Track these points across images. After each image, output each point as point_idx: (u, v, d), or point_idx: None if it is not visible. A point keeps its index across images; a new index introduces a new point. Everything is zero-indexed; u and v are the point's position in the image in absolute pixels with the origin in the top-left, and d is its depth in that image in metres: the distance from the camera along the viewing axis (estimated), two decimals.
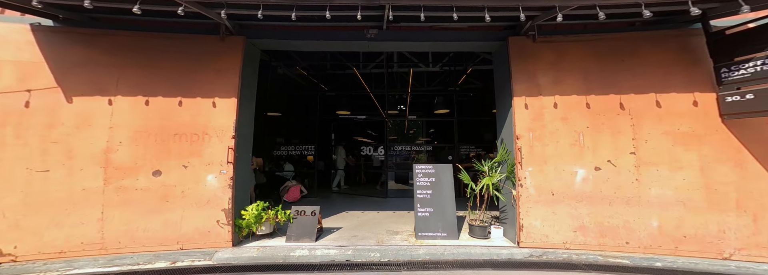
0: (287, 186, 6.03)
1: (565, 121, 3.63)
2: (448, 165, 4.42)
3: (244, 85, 3.88)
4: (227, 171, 3.55)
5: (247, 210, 3.80)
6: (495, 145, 7.26)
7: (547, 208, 3.56)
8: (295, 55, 7.16)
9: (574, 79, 3.70)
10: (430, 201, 4.28)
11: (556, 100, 3.68)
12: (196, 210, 3.48)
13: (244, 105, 3.87)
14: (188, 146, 3.52)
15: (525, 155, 3.64)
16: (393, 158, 9.38)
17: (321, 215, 4.40)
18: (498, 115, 4.36)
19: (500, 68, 4.30)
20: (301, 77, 9.17)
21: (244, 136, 3.92)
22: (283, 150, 6.56)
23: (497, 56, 4.43)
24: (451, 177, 4.35)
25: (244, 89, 3.85)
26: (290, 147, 6.62)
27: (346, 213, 5.56)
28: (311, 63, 7.89)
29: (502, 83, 4.19)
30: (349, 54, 8.23)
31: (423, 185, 4.39)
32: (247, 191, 4.12)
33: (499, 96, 4.33)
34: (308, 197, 6.56)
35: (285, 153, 6.56)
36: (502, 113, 4.17)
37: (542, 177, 3.60)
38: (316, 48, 4.54)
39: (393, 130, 12.95)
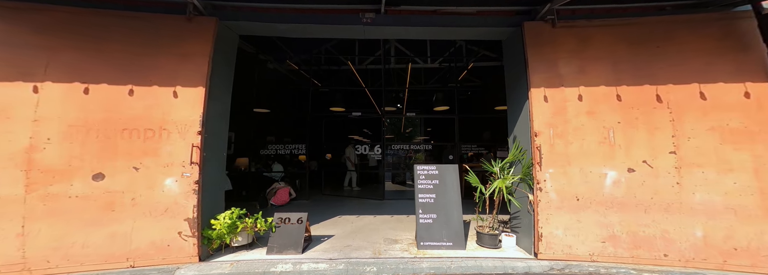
0: (275, 188, 5.27)
1: (591, 116, 2.98)
2: (453, 166, 3.74)
3: (217, 73, 3.13)
4: (191, 174, 2.78)
5: (219, 219, 3.04)
6: (498, 144, 6.61)
7: (570, 215, 2.91)
8: (284, 46, 6.40)
9: (602, 69, 3.05)
10: (434, 206, 3.59)
11: (580, 91, 3.03)
12: (151, 220, 2.71)
13: (215, 96, 3.12)
14: (141, 144, 2.75)
15: (545, 154, 2.98)
16: (390, 157, 8.71)
17: (309, 222, 3.68)
18: (510, 110, 3.70)
19: (512, 58, 3.64)
20: (293, 73, 8.39)
21: (215, 133, 3.16)
22: (271, 149, 5.80)
23: (508, 45, 3.77)
24: (456, 179, 3.67)
25: (215, 78, 3.10)
26: (279, 145, 5.86)
27: (340, 217, 4.83)
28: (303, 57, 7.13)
29: (515, 74, 3.53)
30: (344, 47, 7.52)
31: (425, 188, 3.70)
32: (221, 196, 3.34)
33: (511, 88, 3.66)
34: (298, 200, 5.80)
35: (273, 153, 5.81)
36: (516, 107, 3.51)
37: (565, 180, 2.94)
38: (304, 34, 3.80)
39: (390, 128, 12.26)
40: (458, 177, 3.67)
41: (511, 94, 3.67)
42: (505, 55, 3.91)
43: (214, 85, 3.07)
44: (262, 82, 6.66)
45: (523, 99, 3.29)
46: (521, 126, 3.36)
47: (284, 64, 7.64)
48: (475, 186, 3.49)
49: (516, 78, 3.51)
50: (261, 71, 7.00)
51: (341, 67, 8.13)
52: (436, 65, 7.86)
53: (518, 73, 3.42)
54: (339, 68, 8.14)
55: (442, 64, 7.86)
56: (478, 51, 7.27)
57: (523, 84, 3.28)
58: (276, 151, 5.81)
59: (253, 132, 6.75)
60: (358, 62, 7.81)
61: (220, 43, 3.21)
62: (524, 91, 3.24)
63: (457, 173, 3.67)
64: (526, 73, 3.21)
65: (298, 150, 5.90)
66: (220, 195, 3.33)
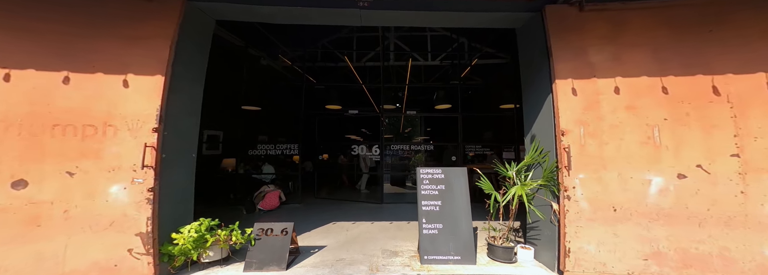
0: (263, 191, 4.64)
1: (631, 111, 2.37)
2: (461, 169, 3.14)
3: (182, 61, 2.52)
4: (144, 180, 2.16)
5: (183, 232, 2.42)
6: (504, 144, 5.96)
7: (605, 228, 2.31)
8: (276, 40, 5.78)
9: (641, 57, 2.43)
10: (439, 215, 2.99)
11: (617, 83, 2.42)
12: (92, 236, 2.09)
13: (180, 88, 2.50)
14: (77, 143, 2.12)
15: (574, 157, 2.37)
16: (389, 158, 8.10)
17: (296, 232, 3.07)
18: (526, 107, 3.10)
19: (529, 47, 3.05)
20: (287, 69, 7.77)
21: (180, 131, 2.54)
22: (261, 149, 5.18)
23: (524, 33, 3.17)
24: (465, 185, 3.06)
25: (179, 66, 2.48)
26: (269, 145, 5.24)
27: (334, 224, 4.21)
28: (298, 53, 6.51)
29: (533, 65, 2.93)
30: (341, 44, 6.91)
31: (430, 194, 3.09)
32: (188, 205, 2.70)
33: (528, 83, 3.06)
34: (290, 203, 5.18)
35: (263, 153, 5.19)
36: (534, 103, 2.91)
37: (600, 186, 2.34)
38: (290, 19, 3.20)
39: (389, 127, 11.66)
40: (467, 182, 3.07)
41: (528, 88, 3.07)
42: (520, 44, 3.31)
43: (178, 75, 2.44)
44: (253, 78, 6.04)
45: (544, 93, 2.69)
46: (542, 124, 2.76)
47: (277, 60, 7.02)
48: (488, 193, 2.88)
49: (534, 70, 2.91)
50: (252, 66, 6.38)
51: (338, 63, 7.52)
52: (437, 62, 7.27)
53: (537, 63, 2.82)
54: (336, 65, 7.53)
55: (443, 61, 7.27)
56: (481, 48, 6.70)
57: (544, 76, 2.68)
58: (266, 152, 5.20)
59: (243, 131, 6.13)
60: (356, 59, 7.20)
61: (188, 27, 2.58)
62: (546, 83, 2.64)
63: (466, 177, 3.07)
64: (548, 63, 2.61)
65: (290, 151, 5.29)
66: (187, 204, 2.70)
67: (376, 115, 5.95)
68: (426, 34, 7.05)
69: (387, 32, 6.78)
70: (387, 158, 7.47)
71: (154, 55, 2.32)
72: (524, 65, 3.19)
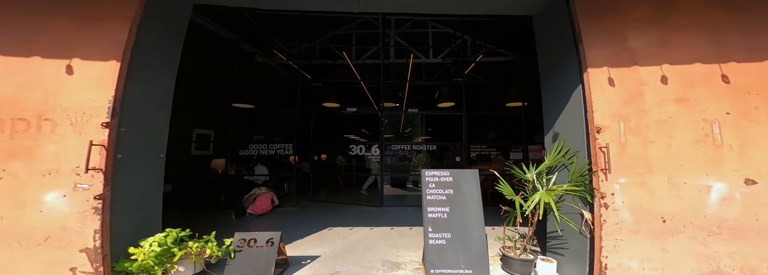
0: (254, 194, 4.19)
1: (683, 104, 1.92)
2: (472, 172, 2.67)
3: (147, 46, 2.07)
4: (91, 185, 1.71)
5: (143, 246, 1.96)
6: (511, 144, 5.31)
7: (651, 242, 1.86)
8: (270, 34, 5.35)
9: (695, 41, 1.98)
10: (448, 223, 2.54)
11: (663, 71, 1.96)
12: (21, 254, 1.64)
13: (142, 77, 2.05)
14: (4, 141, 1.67)
15: (614, 158, 1.93)
16: (389, 158, 7.64)
17: (284, 242, 2.62)
18: (546, 101, 2.63)
19: (549, 34, 2.60)
20: (284, 68, 7.33)
21: (144, 127, 2.08)
22: (253, 149, 4.73)
23: (543, 20, 2.71)
24: (476, 189, 2.61)
25: (142, 52, 2.03)
26: (262, 145, 4.79)
27: (330, 230, 3.75)
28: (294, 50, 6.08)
29: (555, 54, 2.48)
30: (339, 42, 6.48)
31: (437, 200, 2.63)
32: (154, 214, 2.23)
33: (549, 75, 2.59)
34: (284, 207, 4.72)
35: (256, 153, 4.74)
36: (556, 97, 2.45)
37: (645, 193, 1.88)
38: (279, 4, 2.76)
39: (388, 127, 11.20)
40: (479, 186, 2.61)
41: (549, 81, 2.60)
42: (538, 33, 2.85)
43: (141, 62, 1.99)
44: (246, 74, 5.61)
45: (571, 85, 2.23)
46: (568, 120, 2.30)
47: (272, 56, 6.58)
48: (509, 198, 2.42)
49: (557, 60, 2.45)
50: (245, 62, 5.95)
51: (337, 61, 7.09)
52: (439, 60, 6.83)
53: (561, 52, 2.37)
54: (334, 63, 7.10)
55: (445, 59, 6.83)
56: (484, 45, 6.26)
57: (570, 66, 2.23)
58: (259, 151, 4.75)
59: (235, 130, 5.69)
60: (356, 57, 6.77)
61: (155, 9, 2.13)
62: (573, 74, 2.19)
63: (478, 180, 2.61)
64: (576, 50, 2.16)
65: (284, 151, 4.84)
66: (152, 212, 2.22)
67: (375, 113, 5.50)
68: (427, 30, 6.63)
69: (387, 29, 6.36)
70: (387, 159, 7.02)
71: (109, 37, 1.86)
72: (543, 56, 2.74)
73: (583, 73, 2.10)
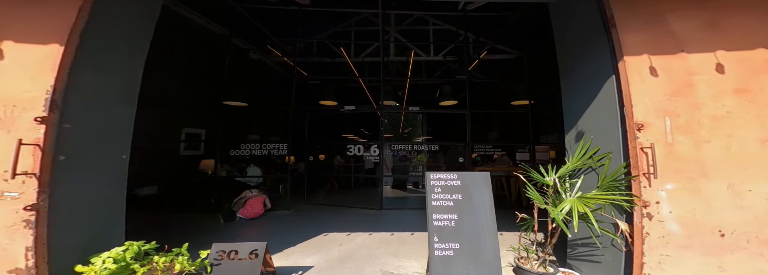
0: (244, 197, 3.81)
1: (745, 96, 1.57)
2: (483, 175, 2.31)
3: (103, 28, 1.69)
4: (21, 194, 1.34)
5: (94, 263, 1.59)
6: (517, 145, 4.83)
7: (705, 259, 1.51)
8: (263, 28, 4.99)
9: (753, 21, 1.64)
10: (456, 232, 2.18)
11: (718, 58, 1.62)
12: None
13: (96, 64, 1.67)
14: None
15: (659, 160, 1.58)
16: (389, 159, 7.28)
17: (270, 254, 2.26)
18: (568, 96, 2.26)
19: (569, 21, 2.26)
20: (282, 65, 6.98)
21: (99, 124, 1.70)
22: (245, 148, 4.35)
23: (564, 4, 2.38)
24: (488, 194, 2.25)
25: (97, 33, 1.65)
26: (254, 145, 4.41)
27: (325, 236, 3.39)
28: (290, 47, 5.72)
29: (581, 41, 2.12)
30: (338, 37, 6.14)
31: (443, 206, 2.28)
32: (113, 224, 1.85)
33: (570, 64, 2.23)
34: (277, 210, 4.35)
35: (248, 153, 4.36)
36: (581, 89, 2.09)
37: (698, 202, 1.53)
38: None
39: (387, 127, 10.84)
40: (491, 191, 2.26)
41: (570, 72, 2.25)
42: (555, 20, 2.49)
43: (93, 46, 1.61)
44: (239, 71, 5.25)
45: (600, 75, 1.87)
46: (597, 116, 1.94)
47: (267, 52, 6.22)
48: (542, 208, 2.05)
49: (581, 48, 2.10)
50: (237, 58, 5.59)
51: (335, 59, 6.74)
52: (440, 58, 6.50)
53: (587, 39, 2.01)
54: (333, 60, 6.75)
55: (447, 57, 6.51)
56: (486, 42, 5.94)
57: (599, 53, 1.87)
58: (251, 152, 4.38)
59: (228, 129, 5.32)
60: (354, 54, 6.43)
61: None
62: (604, 63, 1.83)
63: (489, 185, 2.26)
64: (608, 35, 1.81)
65: (278, 151, 4.47)
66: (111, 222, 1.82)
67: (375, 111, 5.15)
68: (428, 28, 6.31)
69: (387, 26, 6.03)
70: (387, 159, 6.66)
71: (53, 16, 1.50)
72: (563, 46, 2.38)
73: (617, 61, 1.75)
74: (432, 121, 10.88)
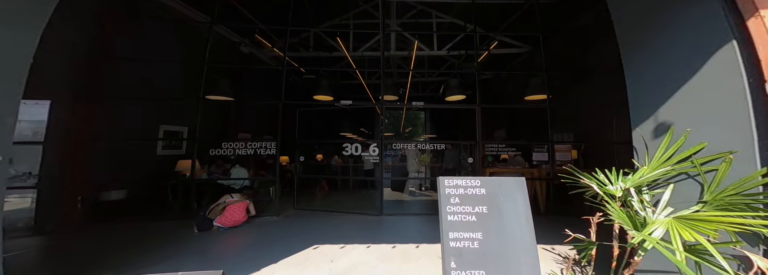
0: (223, 203, 3.17)
1: None
2: (516, 181, 1.66)
3: None
4: None
5: None
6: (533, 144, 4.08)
7: None
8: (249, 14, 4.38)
9: None
10: (480, 256, 1.55)
11: None
12: None
13: None
14: None
15: None
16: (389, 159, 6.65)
17: None
18: (635, 75, 1.65)
19: None
20: (275, 60, 6.38)
21: None
22: (228, 148, 3.71)
23: None
24: (525, 206, 1.61)
25: None
26: (238, 144, 3.77)
27: (314, 249, 2.75)
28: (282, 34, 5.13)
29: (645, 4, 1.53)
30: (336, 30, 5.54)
31: (462, 221, 1.64)
32: None
33: (643, 31, 1.57)
34: (263, 216, 3.71)
35: (232, 153, 3.72)
36: (668, 65, 1.41)
37: None
38: None
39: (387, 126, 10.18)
40: (528, 202, 1.63)
41: (644, 45, 1.58)
42: None
43: None
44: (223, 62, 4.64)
45: (708, 42, 1.21)
46: (697, 100, 1.27)
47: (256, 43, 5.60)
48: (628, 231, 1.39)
49: (665, 7, 1.49)
50: (225, 50, 4.98)
51: (333, 53, 6.15)
52: (444, 52, 5.91)
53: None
54: (330, 55, 6.15)
55: (451, 51, 5.91)
56: (494, 36, 5.34)
57: (707, 10, 1.25)
58: (235, 151, 3.75)
59: (214, 126, 4.70)
60: (353, 48, 5.84)
61: None
62: (717, 23, 1.18)
63: (526, 194, 1.63)
64: None
65: (266, 150, 3.84)
66: None
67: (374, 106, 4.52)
68: (431, 20, 5.73)
69: (388, 19, 5.45)
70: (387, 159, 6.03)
71: None
72: (622, 12, 1.77)
73: (744, 20, 1.13)
74: (435, 119, 10.20)
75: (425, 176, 5.57)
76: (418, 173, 5.13)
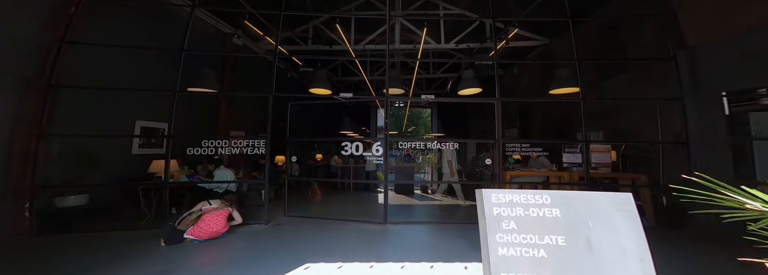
0: (198, 211, 2.52)
1: None
2: (616, 198, 1.01)
3: None
4: None
5: None
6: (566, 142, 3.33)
7: None
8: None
9: None
10: None
11: None
12: None
13: None
14: None
15: None
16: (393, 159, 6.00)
17: None
18: None
19: None
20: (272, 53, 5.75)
21: None
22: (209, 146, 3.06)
23: None
24: (636, 235, 0.95)
25: None
26: (220, 141, 3.11)
27: (305, 270, 2.10)
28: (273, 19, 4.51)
29: None
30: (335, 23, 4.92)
31: (523, 256, 0.97)
32: None
33: None
34: (250, 224, 3.06)
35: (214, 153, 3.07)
36: None
37: None
38: None
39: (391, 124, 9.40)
40: (641, 228, 0.97)
41: None
42: None
43: None
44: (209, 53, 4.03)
45: None
46: None
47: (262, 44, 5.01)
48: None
49: None
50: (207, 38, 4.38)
51: (333, 47, 5.53)
52: (453, 45, 5.28)
53: None
54: (331, 49, 5.54)
55: (459, 45, 5.28)
56: (507, 29, 4.70)
57: None
58: (217, 150, 3.12)
59: (198, 122, 4.08)
60: (355, 41, 5.23)
61: None
62: None
63: (636, 218, 0.98)
64: None
65: (253, 149, 3.21)
66: None
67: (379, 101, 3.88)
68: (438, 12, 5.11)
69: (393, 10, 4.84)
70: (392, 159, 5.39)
71: None
72: None
73: None
74: (443, 116, 9.36)
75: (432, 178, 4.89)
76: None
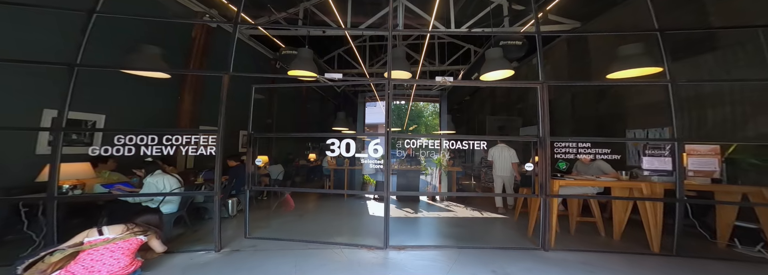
0: (72, 246, 1.40)
1: None
2: None
3: None
4: None
5: None
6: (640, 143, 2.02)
7: None
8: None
9: None
10: None
11: None
12: None
13: None
14: None
15: None
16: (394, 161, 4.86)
17: None
18: None
19: None
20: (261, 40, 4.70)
21: None
22: (124, 144, 1.94)
23: None
24: None
25: None
26: (150, 138, 1.98)
27: None
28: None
29: None
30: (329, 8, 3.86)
31: None
32: None
33: None
34: (190, 251, 1.97)
35: (147, 152, 1.98)
36: None
37: None
38: None
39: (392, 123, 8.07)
40: None
41: None
42: None
43: None
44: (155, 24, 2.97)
45: None
46: None
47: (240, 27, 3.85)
48: None
49: None
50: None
51: (326, 32, 4.50)
52: (464, 30, 4.23)
53: None
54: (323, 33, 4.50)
55: (472, 29, 4.23)
56: (528, 12, 3.64)
57: None
58: (149, 148, 2.02)
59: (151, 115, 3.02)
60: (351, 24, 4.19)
61: None
62: None
63: None
64: None
65: (199, 147, 2.12)
66: None
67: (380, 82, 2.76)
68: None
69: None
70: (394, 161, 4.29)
71: None
72: None
73: None
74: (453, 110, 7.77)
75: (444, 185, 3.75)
76: None
